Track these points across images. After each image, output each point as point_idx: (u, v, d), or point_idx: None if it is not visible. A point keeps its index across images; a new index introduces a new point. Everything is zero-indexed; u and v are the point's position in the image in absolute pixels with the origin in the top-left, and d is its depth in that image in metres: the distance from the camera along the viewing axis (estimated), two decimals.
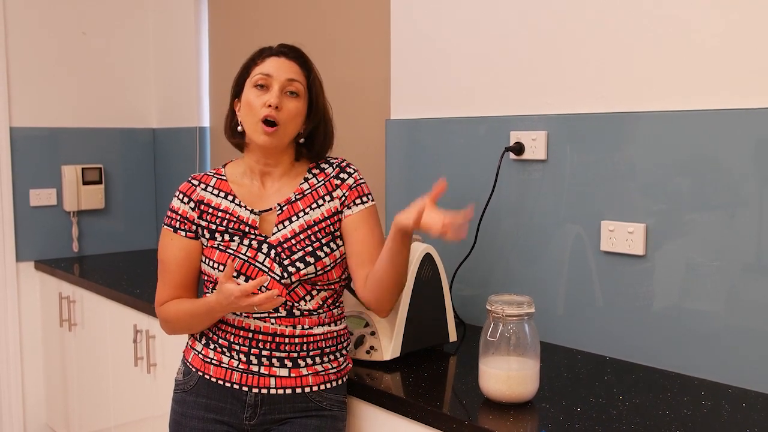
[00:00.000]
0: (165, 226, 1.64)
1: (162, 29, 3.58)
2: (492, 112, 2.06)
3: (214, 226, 1.59)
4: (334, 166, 1.66)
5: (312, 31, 2.70)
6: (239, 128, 1.62)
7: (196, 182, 1.65)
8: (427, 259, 1.79)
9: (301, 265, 1.54)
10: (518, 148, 1.96)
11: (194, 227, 1.61)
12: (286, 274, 1.53)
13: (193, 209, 1.61)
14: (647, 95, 1.73)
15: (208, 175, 1.67)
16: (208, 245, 1.59)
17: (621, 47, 1.77)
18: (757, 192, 1.55)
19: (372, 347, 1.74)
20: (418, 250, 1.78)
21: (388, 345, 1.73)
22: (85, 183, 3.39)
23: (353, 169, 1.67)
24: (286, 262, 1.54)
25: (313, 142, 1.66)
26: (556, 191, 1.91)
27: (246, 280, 1.53)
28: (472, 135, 2.11)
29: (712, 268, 1.63)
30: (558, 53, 1.90)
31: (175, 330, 1.64)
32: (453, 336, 1.88)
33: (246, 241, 1.56)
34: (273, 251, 1.55)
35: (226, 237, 1.57)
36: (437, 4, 2.19)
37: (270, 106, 1.54)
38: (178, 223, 1.62)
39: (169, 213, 1.64)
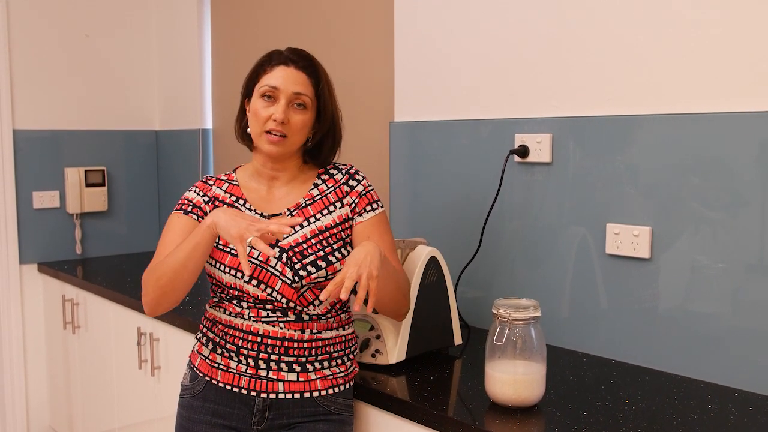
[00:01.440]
0: (175, 211, 1.63)
1: (165, 31, 3.58)
2: (496, 115, 2.06)
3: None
4: (344, 172, 1.67)
5: (315, 34, 2.70)
6: (249, 130, 1.62)
7: (211, 183, 1.67)
8: (432, 262, 1.79)
9: (313, 269, 1.54)
10: (523, 151, 1.96)
11: (205, 215, 1.61)
12: (297, 278, 1.53)
13: (206, 203, 1.63)
14: (652, 98, 1.73)
15: (221, 179, 1.68)
16: (220, 244, 1.58)
17: (626, 50, 1.76)
18: (762, 194, 1.55)
19: (377, 351, 1.74)
20: (423, 253, 1.78)
21: (393, 348, 1.73)
22: (88, 185, 3.39)
23: (362, 176, 1.67)
24: (297, 266, 1.54)
25: (320, 149, 1.66)
26: (561, 194, 1.91)
27: (257, 285, 1.53)
28: (476, 137, 2.11)
29: (718, 271, 1.63)
30: (563, 56, 1.90)
31: (160, 286, 1.51)
32: (458, 339, 1.88)
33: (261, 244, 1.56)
34: (285, 255, 1.55)
35: None
36: (441, 6, 2.19)
37: (276, 120, 1.54)
38: (190, 207, 1.62)
39: (181, 201, 1.64)
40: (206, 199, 1.63)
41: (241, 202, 1.62)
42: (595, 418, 1.42)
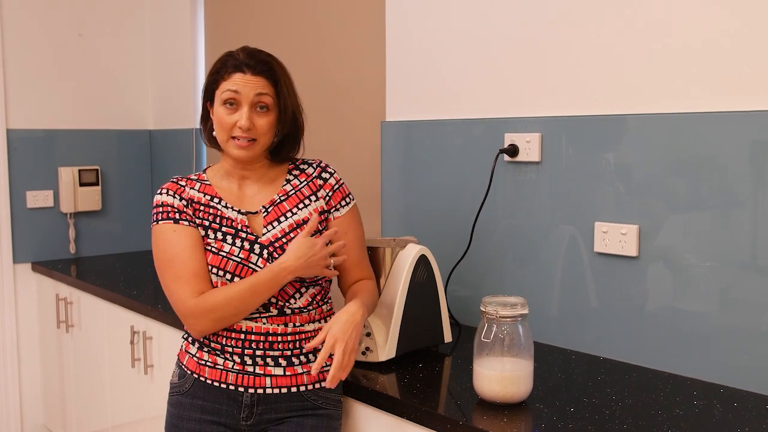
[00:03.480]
0: (162, 222, 1.58)
1: (158, 31, 3.59)
2: (486, 114, 2.07)
3: (207, 223, 1.59)
4: (314, 166, 1.69)
5: (307, 34, 2.71)
6: (215, 133, 1.62)
7: (182, 183, 1.65)
8: (422, 260, 1.81)
9: None
10: (512, 150, 1.98)
11: (194, 219, 1.60)
12: None
13: (186, 206, 1.61)
14: (640, 98, 1.74)
15: (191, 179, 1.66)
16: (203, 244, 1.59)
17: (614, 50, 1.78)
18: (750, 193, 1.56)
19: (368, 348, 1.75)
20: (413, 252, 1.79)
21: (383, 346, 1.74)
22: (81, 185, 3.40)
23: (333, 170, 1.70)
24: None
25: (281, 147, 1.66)
26: (550, 193, 1.92)
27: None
28: (467, 137, 2.12)
29: (705, 269, 1.64)
30: (551, 56, 1.91)
31: (219, 320, 1.53)
32: (448, 337, 1.90)
33: (238, 242, 1.57)
34: (265, 251, 1.56)
35: (219, 235, 1.58)
36: (432, 6, 2.20)
37: (241, 128, 1.54)
38: (177, 214, 1.59)
39: (161, 209, 1.60)
40: (184, 202, 1.61)
41: (216, 200, 1.62)
42: (582, 414, 1.44)
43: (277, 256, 1.56)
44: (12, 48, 3.23)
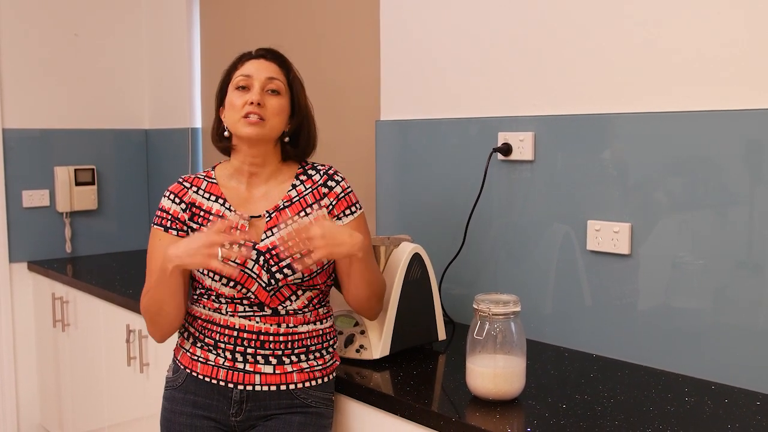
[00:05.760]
0: (155, 227, 1.63)
1: (154, 31, 3.59)
2: (480, 113, 2.08)
3: (205, 230, 1.60)
4: (322, 173, 1.67)
5: (302, 34, 2.72)
6: (226, 134, 1.63)
7: (187, 185, 1.66)
8: (416, 258, 1.81)
9: (289, 272, 1.56)
10: (506, 149, 1.99)
11: (185, 227, 1.62)
12: (273, 281, 1.55)
13: (184, 210, 1.62)
14: (633, 97, 1.75)
15: (199, 177, 1.67)
16: None
17: (607, 48, 1.79)
18: (744, 191, 1.57)
19: (362, 346, 1.76)
20: (407, 250, 1.80)
21: (377, 344, 1.75)
22: (77, 184, 3.41)
23: (340, 177, 1.68)
24: (273, 269, 1.55)
25: (297, 141, 1.67)
26: (544, 191, 1.93)
27: (234, 286, 1.55)
28: (460, 136, 2.13)
29: (697, 267, 1.65)
30: (545, 55, 1.92)
31: (151, 321, 1.59)
32: (442, 334, 1.91)
33: (235, 247, 1.57)
34: (262, 258, 1.57)
35: None
36: (427, 6, 2.21)
37: (252, 103, 1.57)
38: (169, 222, 1.62)
39: (159, 213, 1.64)
40: (183, 207, 1.62)
41: (220, 201, 1.63)
42: (574, 411, 1.45)
43: (273, 263, 1.56)
44: (8, 47, 3.23)
